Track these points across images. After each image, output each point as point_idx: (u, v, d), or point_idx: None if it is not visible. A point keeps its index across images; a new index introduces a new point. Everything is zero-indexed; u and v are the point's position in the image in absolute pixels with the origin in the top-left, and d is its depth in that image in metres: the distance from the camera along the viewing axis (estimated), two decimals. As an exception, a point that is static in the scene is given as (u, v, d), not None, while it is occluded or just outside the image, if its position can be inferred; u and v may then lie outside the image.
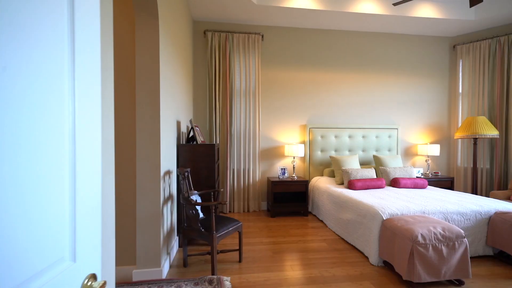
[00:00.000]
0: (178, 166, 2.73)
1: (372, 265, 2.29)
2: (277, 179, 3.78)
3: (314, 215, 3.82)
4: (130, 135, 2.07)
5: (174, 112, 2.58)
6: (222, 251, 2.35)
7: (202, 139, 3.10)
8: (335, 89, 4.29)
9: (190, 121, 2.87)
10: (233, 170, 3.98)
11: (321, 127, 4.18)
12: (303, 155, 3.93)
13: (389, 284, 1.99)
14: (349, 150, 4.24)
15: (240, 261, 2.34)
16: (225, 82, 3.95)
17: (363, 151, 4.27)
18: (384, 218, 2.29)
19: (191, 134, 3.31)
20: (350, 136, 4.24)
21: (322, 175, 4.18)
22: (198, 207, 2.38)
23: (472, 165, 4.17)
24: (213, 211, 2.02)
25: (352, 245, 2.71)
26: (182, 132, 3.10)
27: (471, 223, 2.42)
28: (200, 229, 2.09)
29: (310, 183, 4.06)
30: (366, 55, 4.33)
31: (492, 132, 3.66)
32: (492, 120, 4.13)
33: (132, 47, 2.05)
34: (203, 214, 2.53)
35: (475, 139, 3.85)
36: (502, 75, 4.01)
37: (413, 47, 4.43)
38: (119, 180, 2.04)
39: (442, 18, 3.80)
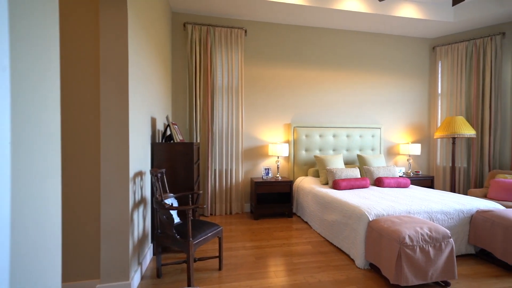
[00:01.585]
0: (152, 167, 2.51)
1: (358, 268, 2.20)
2: (261, 180, 3.63)
3: (299, 216, 3.72)
4: (95, 132, 1.83)
5: (147, 107, 2.35)
6: (200, 259, 2.16)
7: (181, 138, 2.89)
8: (319, 88, 4.22)
9: (167, 117, 2.65)
10: (215, 170, 3.79)
11: (306, 126, 4.09)
12: (287, 155, 3.82)
13: (376, 288, 1.90)
14: (334, 150, 4.19)
15: (220, 268, 2.17)
16: (206, 78, 3.75)
17: (347, 150, 4.24)
18: (370, 219, 2.21)
19: (169, 132, 3.08)
20: (334, 136, 4.19)
21: (306, 175, 4.09)
22: (173, 212, 2.18)
23: (450, 164, 4.26)
24: (189, 215, 1.83)
25: (337, 247, 2.62)
26: (158, 130, 2.87)
27: (455, 222, 2.41)
28: (174, 236, 1.89)
29: (295, 183, 3.96)
30: (350, 54, 4.31)
31: (469, 131, 3.75)
32: (468, 120, 4.25)
33: (98, 31, 1.82)
34: (180, 219, 2.33)
35: (454, 139, 3.94)
36: (478, 77, 4.14)
37: (395, 48, 4.48)
38: (81, 182, 1.80)
39: (423, 19, 3.85)
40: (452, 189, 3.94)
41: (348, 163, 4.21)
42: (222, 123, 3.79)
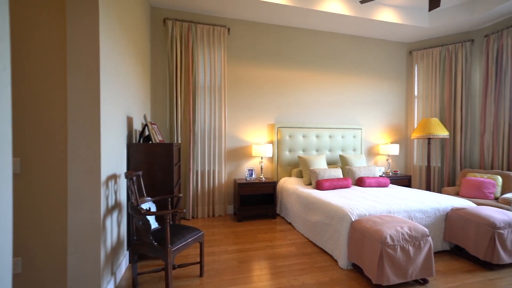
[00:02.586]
0: (129, 169, 2.36)
1: (342, 269, 2.21)
2: (244, 181, 3.57)
3: (283, 218, 3.70)
4: (61, 131, 1.67)
5: (123, 105, 2.21)
6: (180, 265, 2.06)
7: (161, 138, 2.75)
8: (303, 88, 4.24)
9: (144, 116, 2.51)
10: (197, 172, 3.67)
11: (289, 126, 4.09)
12: (271, 155, 3.79)
13: (359, 288, 1.91)
14: (317, 150, 4.22)
15: (201, 275, 2.07)
16: (187, 76, 3.62)
17: (330, 151, 4.28)
18: (353, 220, 2.23)
19: (147, 132, 2.93)
20: (317, 136, 4.22)
21: (290, 175, 4.09)
22: (151, 217, 2.05)
23: (426, 164, 4.45)
24: (168, 221, 1.72)
25: (320, 248, 2.62)
26: (136, 130, 2.71)
27: (431, 220, 2.49)
28: (152, 243, 1.77)
29: (278, 184, 3.94)
30: (333, 56, 4.37)
31: (443, 132, 3.93)
32: (442, 121, 4.46)
33: (65, 21, 1.66)
34: (158, 224, 2.21)
35: (429, 139, 4.11)
36: (450, 81, 4.36)
37: (375, 51, 4.60)
38: (45, 187, 1.63)
39: (401, 23, 3.99)
40: (428, 188, 4.12)
41: (330, 164, 4.26)
42: (204, 123, 3.68)
